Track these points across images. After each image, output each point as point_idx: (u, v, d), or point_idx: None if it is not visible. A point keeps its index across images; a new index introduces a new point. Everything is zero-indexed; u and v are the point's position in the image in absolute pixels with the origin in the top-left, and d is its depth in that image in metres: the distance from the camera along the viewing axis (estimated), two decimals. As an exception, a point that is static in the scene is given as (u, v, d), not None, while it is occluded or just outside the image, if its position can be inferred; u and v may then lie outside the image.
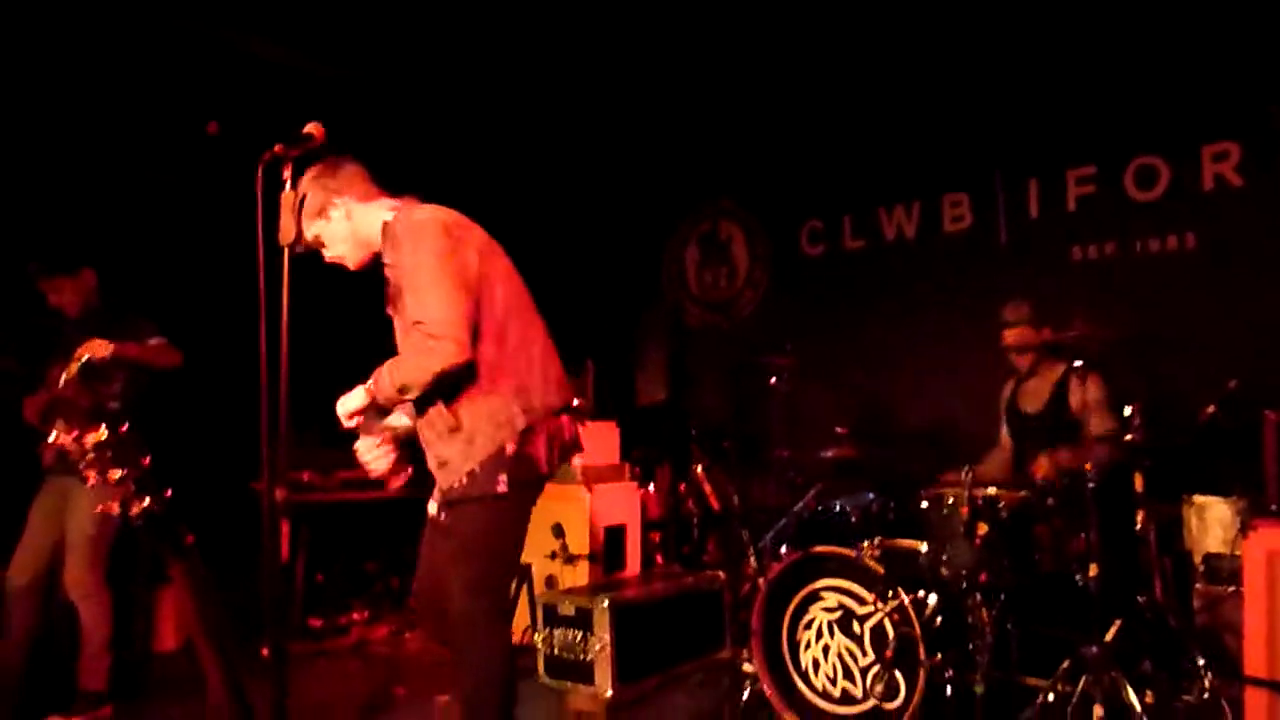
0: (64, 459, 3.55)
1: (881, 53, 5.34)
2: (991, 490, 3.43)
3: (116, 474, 2.35)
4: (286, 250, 2.24)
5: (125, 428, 2.47)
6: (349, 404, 2.54)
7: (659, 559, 5.24)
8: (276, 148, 2.24)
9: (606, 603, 3.83)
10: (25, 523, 3.77)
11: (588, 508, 4.67)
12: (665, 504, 5.38)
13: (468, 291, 2.44)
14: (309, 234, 2.60)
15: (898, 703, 3.12)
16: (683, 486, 5.35)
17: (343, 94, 5.10)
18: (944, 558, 3.36)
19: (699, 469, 5.29)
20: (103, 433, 2.36)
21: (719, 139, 6.24)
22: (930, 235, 5.46)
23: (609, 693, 3.77)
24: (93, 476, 2.38)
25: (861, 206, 5.75)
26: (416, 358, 2.44)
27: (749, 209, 6.35)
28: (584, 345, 5.93)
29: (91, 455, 2.35)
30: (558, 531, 4.52)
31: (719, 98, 5.97)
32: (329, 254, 2.66)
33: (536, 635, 4.11)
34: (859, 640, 3.29)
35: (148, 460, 2.40)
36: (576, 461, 4.78)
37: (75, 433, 2.38)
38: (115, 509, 2.35)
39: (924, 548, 3.47)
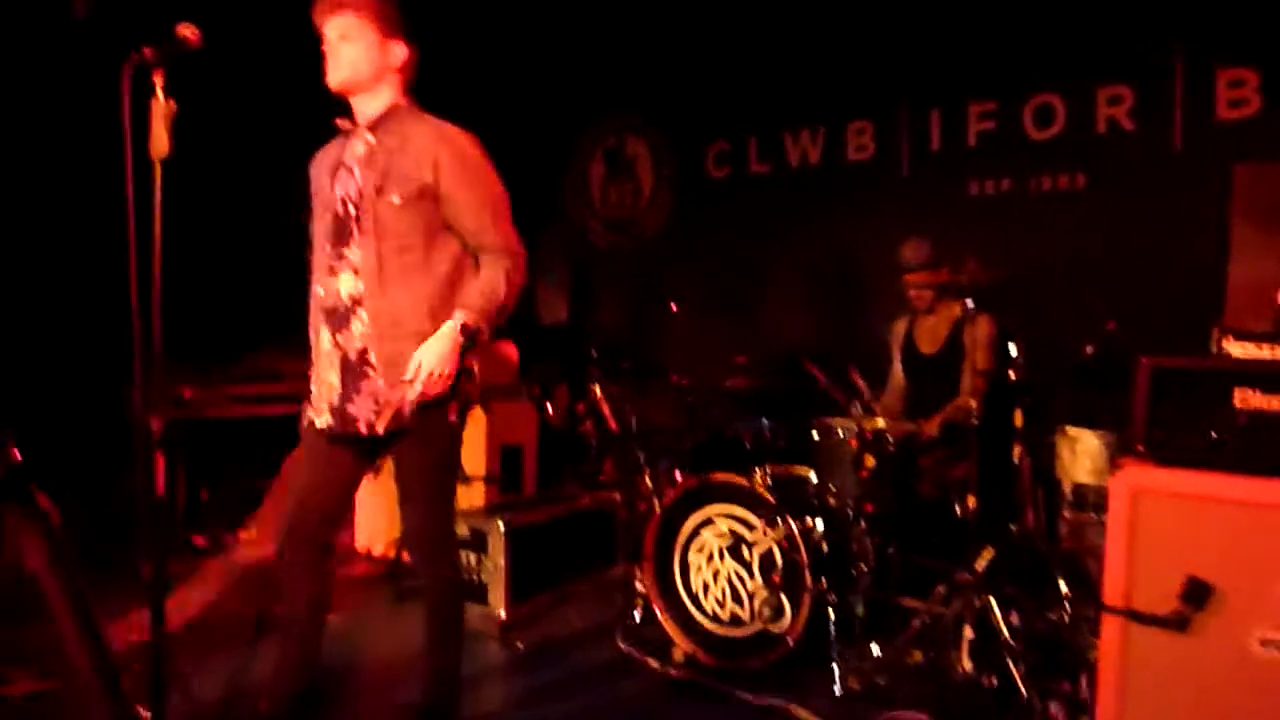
0: None
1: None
2: (880, 423, 3.53)
3: None
4: (158, 163, 2.10)
5: None
6: (446, 356, 2.45)
7: (557, 480, 5.26)
8: (146, 51, 2.06)
9: (502, 525, 3.84)
10: None
11: (484, 427, 4.64)
12: (563, 424, 5.38)
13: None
14: (344, 28, 2.50)
15: (784, 625, 3.24)
16: (580, 407, 5.35)
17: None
18: (832, 487, 3.46)
19: (597, 389, 5.30)
20: None
21: (626, 52, 6.08)
22: (835, 163, 5.47)
23: (502, 614, 3.81)
24: None
25: (767, 130, 5.71)
26: (512, 277, 2.56)
27: (656, 126, 6.24)
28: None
29: None
30: (453, 451, 4.47)
31: (629, 10, 5.81)
32: (333, 59, 2.53)
33: (430, 555, 4.10)
34: (748, 565, 3.38)
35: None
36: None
37: None
38: None
39: (813, 476, 3.56)
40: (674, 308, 4.28)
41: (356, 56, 2.52)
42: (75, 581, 2.11)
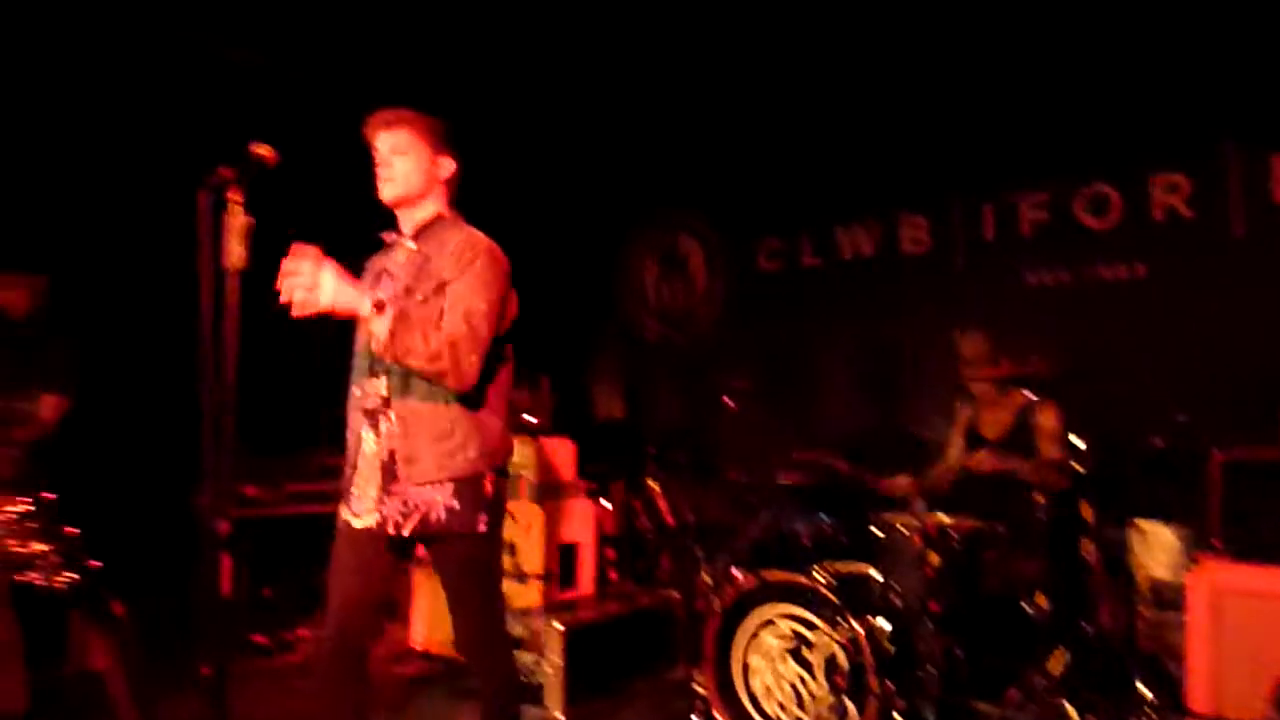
0: None
1: (842, 72, 5.37)
2: (944, 519, 3.45)
3: (38, 548, 2.28)
4: (232, 274, 2.17)
5: (53, 497, 2.38)
6: (343, 297, 2.32)
7: (614, 577, 5.20)
8: (223, 171, 2.18)
9: (559, 626, 3.81)
10: None
11: (541, 525, 4.63)
12: (620, 521, 5.35)
13: (493, 336, 2.56)
14: (399, 143, 2.60)
15: (848, 731, 3.13)
16: (637, 502, 5.32)
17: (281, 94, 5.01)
18: (895, 585, 3.38)
19: (653, 485, 5.28)
20: (27, 504, 2.28)
21: (678, 151, 6.22)
22: (888, 255, 5.50)
23: (559, 716, 3.74)
24: (14, 545, 2.30)
25: (819, 224, 5.78)
26: (447, 349, 2.42)
27: (707, 224, 6.36)
28: (539, 360, 5.89)
29: (14, 525, 2.27)
30: (510, 550, 4.46)
31: (680, 110, 5.96)
32: (386, 173, 2.62)
33: (487, 656, 4.07)
34: (810, 668, 3.28)
35: (72, 531, 2.33)
36: (531, 478, 4.74)
37: None
38: (38, 579, 2.27)
39: (875, 574, 3.48)
40: (728, 402, 4.28)
41: (409, 170, 2.62)
42: (140, 683, 2.14)
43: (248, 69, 4.84)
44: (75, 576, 2.23)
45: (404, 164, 2.62)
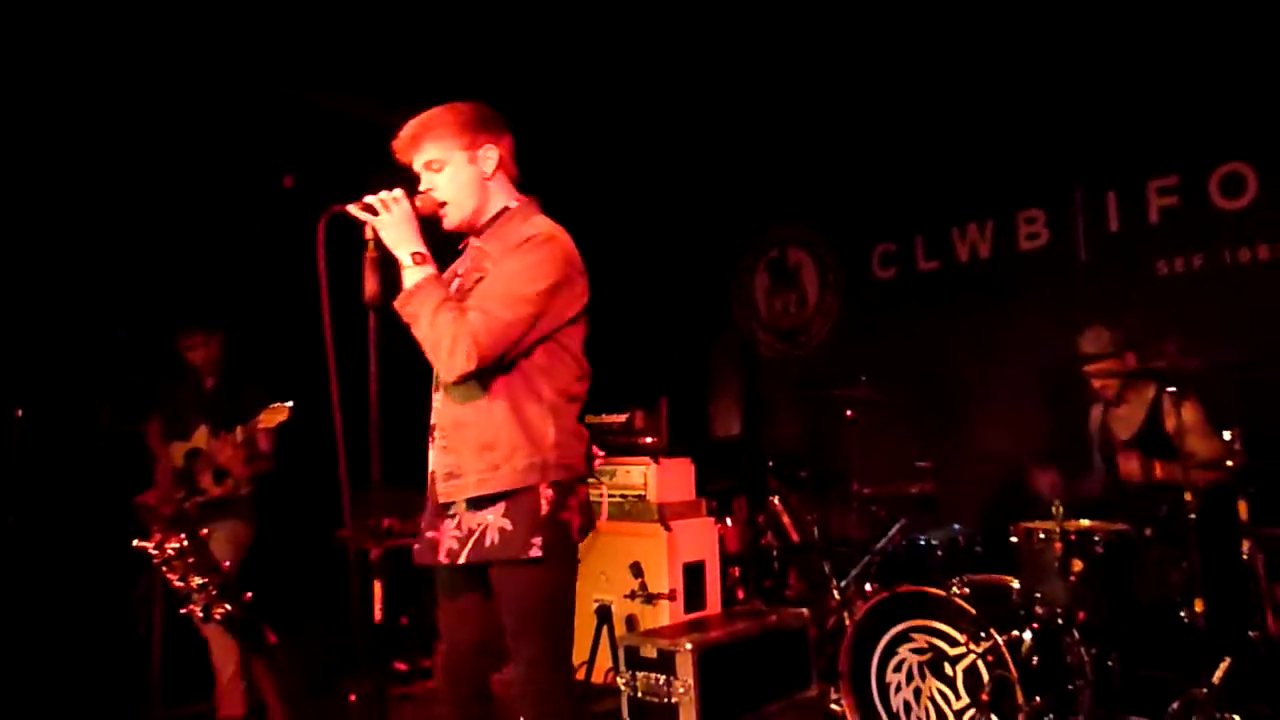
0: (204, 511, 3.96)
1: (946, 65, 5.24)
2: (1085, 523, 3.31)
3: (197, 580, 2.41)
4: (370, 308, 2.23)
5: (205, 532, 2.52)
6: (396, 233, 2.25)
7: (740, 595, 5.16)
8: (344, 206, 2.25)
9: (689, 646, 3.79)
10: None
11: (665, 545, 4.63)
12: (744, 538, 5.31)
13: (530, 330, 2.28)
14: (429, 157, 2.37)
15: (996, 748, 3.01)
16: (761, 519, 5.28)
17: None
18: (1038, 595, 3.24)
19: (776, 501, 5.23)
20: (183, 540, 2.42)
21: (784, 161, 6.16)
22: (1006, 254, 5.31)
23: (695, 738, 3.72)
24: (174, 580, 2.44)
25: (934, 227, 5.63)
26: (448, 329, 2.22)
27: (817, 232, 6.27)
28: (656, 380, 5.92)
29: (173, 560, 2.41)
30: (636, 570, 4.47)
31: (782, 119, 5.92)
32: (438, 192, 2.38)
33: (619, 678, 4.08)
34: (951, 683, 3.18)
35: (228, 565, 2.46)
36: (653, 499, 4.76)
37: (156, 538, 2.44)
38: (198, 612, 2.40)
39: (1016, 584, 3.36)
40: (850, 414, 4.21)
41: (452, 184, 2.37)
42: (296, 708, 2.23)
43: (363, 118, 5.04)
44: (231, 608, 2.35)
45: (444, 179, 2.37)
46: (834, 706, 3.79)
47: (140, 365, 4.28)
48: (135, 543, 2.54)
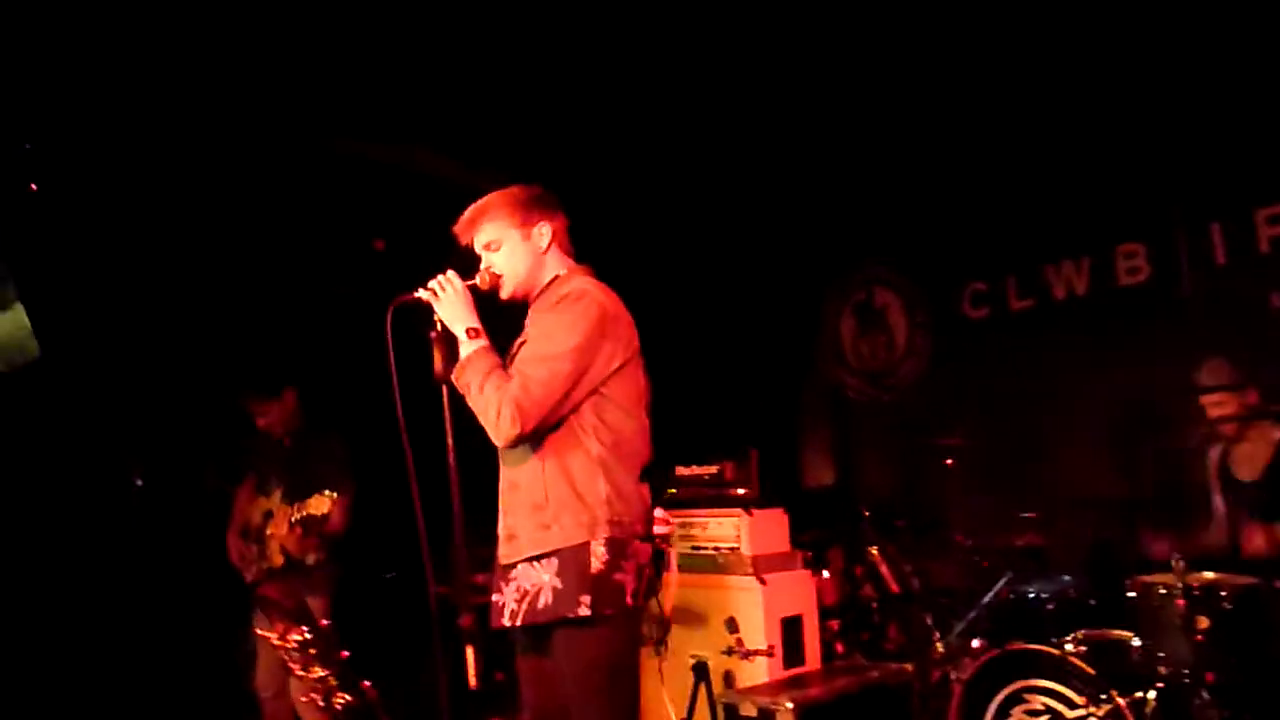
0: (271, 576, 3.94)
1: (1040, 98, 5.08)
2: (1209, 576, 3.13)
3: (318, 672, 2.47)
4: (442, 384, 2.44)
5: (326, 624, 2.59)
6: (452, 312, 2.44)
7: (839, 648, 5.03)
8: (408, 296, 2.45)
9: (790, 705, 3.70)
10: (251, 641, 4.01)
11: (761, 599, 4.54)
12: (841, 590, 5.18)
13: (573, 386, 2.35)
14: (487, 238, 2.54)
15: (1123, 818, 2.84)
16: (858, 570, 5.14)
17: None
18: (1161, 654, 3.07)
19: (874, 550, 5.09)
20: (305, 633, 2.49)
21: (869, 201, 6.05)
22: (1105, 291, 5.12)
23: (799, 801, 3.61)
24: (296, 670, 2.51)
25: (1026, 264, 5.46)
26: (494, 396, 2.32)
27: (904, 273, 6.15)
28: (745, 430, 5.85)
29: (294, 652, 2.47)
30: (731, 626, 4.40)
31: (866, 157, 5.82)
32: (496, 268, 2.53)
33: (718, 737, 4.01)
34: (1072, 746, 3.02)
35: (346, 655, 2.51)
36: (746, 552, 4.68)
37: (279, 629, 2.51)
38: (319, 701, 2.46)
39: (1136, 641, 3.19)
40: (949, 463, 4.09)
41: (508, 261, 2.52)
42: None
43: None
44: (351, 699, 2.40)
45: (501, 257, 2.53)
46: (942, 768, 3.65)
47: (238, 428, 4.39)
48: (259, 631, 2.61)
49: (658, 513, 2.58)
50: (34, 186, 3.98)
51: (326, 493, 3.65)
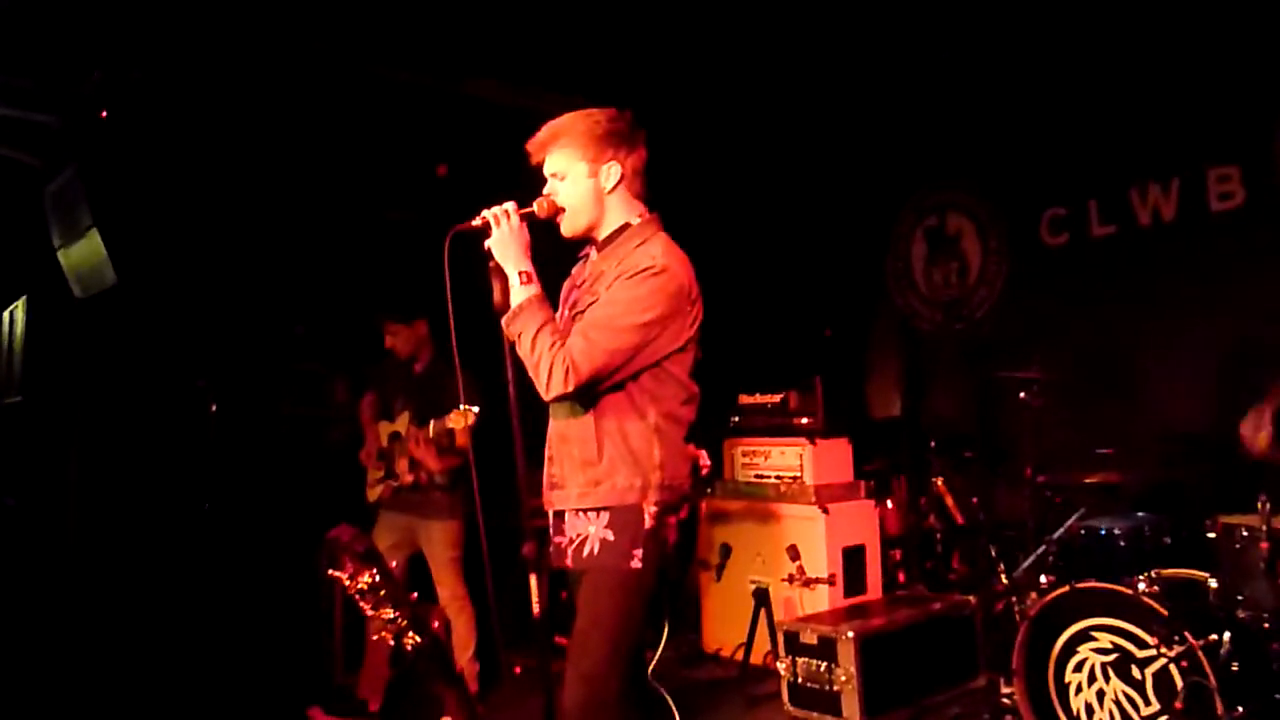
0: (398, 496, 4.12)
1: (1122, 11, 4.78)
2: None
3: (388, 613, 2.53)
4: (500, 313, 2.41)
5: (395, 565, 2.62)
6: (505, 250, 2.37)
7: (901, 578, 5.02)
8: (464, 225, 2.38)
9: (851, 634, 3.72)
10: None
11: (823, 528, 4.54)
12: (904, 520, 5.14)
13: (631, 359, 2.33)
14: (554, 167, 2.45)
15: (1191, 759, 2.80)
16: (923, 501, 5.10)
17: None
18: (1240, 596, 2.99)
19: (939, 482, 5.04)
20: (374, 574, 2.54)
21: (941, 120, 5.81)
22: (1195, 216, 4.84)
23: (859, 729, 3.65)
24: (367, 610, 2.57)
25: (1109, 188, 5.19)
26: (546, 352, 2.30)
27: (979, 196, 5.92)
28: (811, 359, 5.78)
29: (366, 593, 2.52)
30: (793, 554, 4.42)
31: (938, 74, 5.57)
32: (559, 199, 2.45)
33: (779, 662, 4.05)
34: (1139, 687, 2.98)
35: (415, 596, 2.56)
36: (809, 481, 4.67)
37: (349, 570, 2.56)
38: (390, 640, 2.53)
39: (1213, 582, 3.10)
40: (1023, 396, 3.96)
41: (570, 195, 2.44)
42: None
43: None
44: (421, 640, 2.46)
45: (565, 187, 2.44)
46: (1004, 700, 3.63)
47: (316, 356, 4.47)
48: (330, 573, 2.68)
49: (703, 458, 2.62)
50: (104, 114, 4.02)
51: (464, 407, 3.70)
